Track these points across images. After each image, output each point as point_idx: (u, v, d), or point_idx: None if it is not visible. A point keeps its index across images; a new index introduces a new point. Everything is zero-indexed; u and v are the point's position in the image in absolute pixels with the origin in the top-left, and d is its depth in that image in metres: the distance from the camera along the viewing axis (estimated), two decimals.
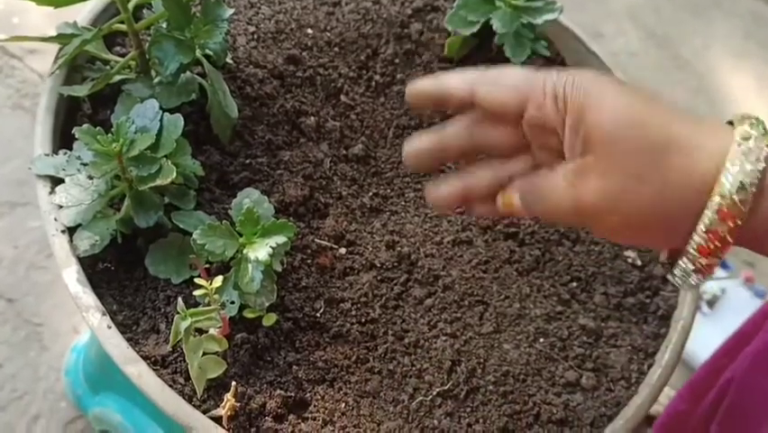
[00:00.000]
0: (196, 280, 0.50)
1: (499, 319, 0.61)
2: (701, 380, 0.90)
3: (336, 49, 0.74)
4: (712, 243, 0.38)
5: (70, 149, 0.57)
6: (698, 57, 1.93)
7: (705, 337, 1.29)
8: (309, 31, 0.74)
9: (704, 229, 0.38)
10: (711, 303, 1.37)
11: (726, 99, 1.86)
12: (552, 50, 0.82)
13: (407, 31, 0.79)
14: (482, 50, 0.79)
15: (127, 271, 0.55)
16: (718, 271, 1.46)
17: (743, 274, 1.48)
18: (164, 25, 0.62)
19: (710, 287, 1.38)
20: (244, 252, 0.53)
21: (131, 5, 0.62)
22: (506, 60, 0.76)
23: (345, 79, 0.73)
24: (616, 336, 0.62)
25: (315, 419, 0.52)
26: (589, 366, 0.60)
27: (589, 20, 1.80)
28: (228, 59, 0.68)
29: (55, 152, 0.57)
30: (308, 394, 0.53)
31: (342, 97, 0.72)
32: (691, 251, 0.39)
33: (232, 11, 0.63)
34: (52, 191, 0.53)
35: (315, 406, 0.53)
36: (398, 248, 0.63)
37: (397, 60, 0.76)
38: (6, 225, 1.16)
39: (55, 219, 0.52)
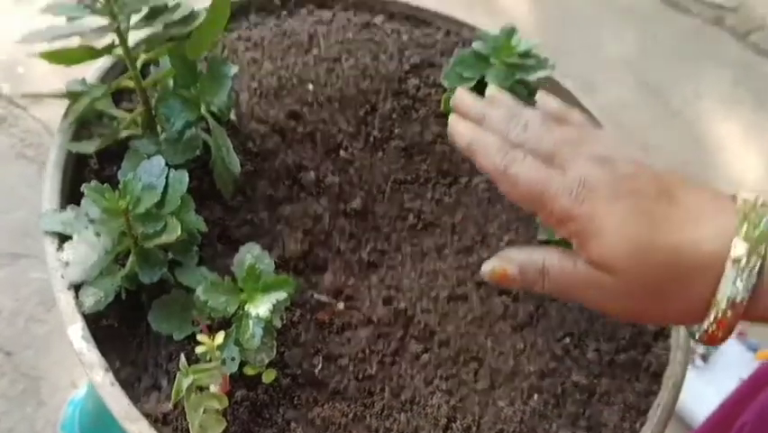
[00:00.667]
0: (198, 337, 0.51)
1: (494, 376, 0.62)
2: (715, 426, 0.91)
3: (336, 104, 0.76)
4: (718, 331, 0.45)
5: (77, 203, 0.58)
6: (689, 105, 1.97)
7: (699, 391, 1.30)
8: (310, 86, 0.76)
9: (705, 330, 0.45)
10: (705, 357, 1.37)
11: (717, 147, 1.89)
12: None
13: (405, 86, 0.81)
14: None
15: (130, 328, 0.56)
16: None
17: (737, 330, 1.49)
18: (171, 83, 0.64)
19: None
20: (246, 308, 0.54)
21: (138, 63, 0.64)
22: None
23: (344, 135, 0.75)
24: (608, 393, 0.63)
25: None
26: (582, 424, 0.61)
27: (581, 70, 1.83)
28: (231, 116, 0.70)
29: (62, 206, 0.58)
30: None
31: (342, 153, 0.74)
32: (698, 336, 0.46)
33: (236, 68, 0.65)
34: (60, 248, 0.54)
35: None
36: (395, 304, 0.64)
37: (394, 116, 0.78)
38: (7, 276, 1.16)
39: (62, 276, 0.53)
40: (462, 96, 0.55)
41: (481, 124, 0.52)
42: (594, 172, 0.46)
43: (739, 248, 0.43)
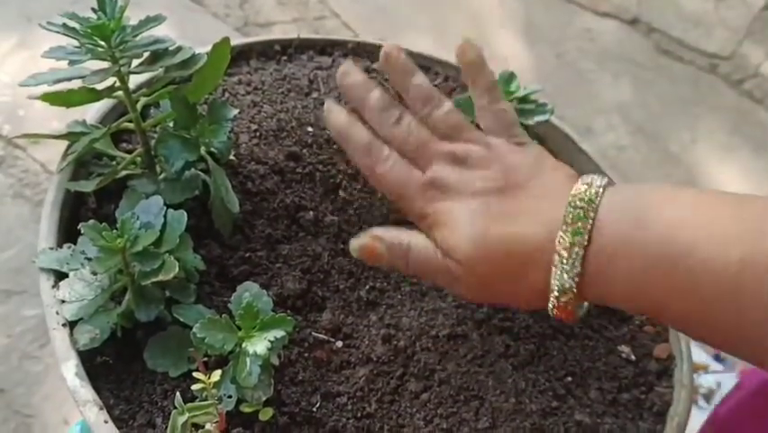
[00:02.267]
0: (195, 375, 0.51)
1: (495, 415, 0.61)
2: None
3: (335, 146, 0.77)
4: (561, 314, 0.50)
5: (74, 242, 0.58)
6: (686, 151, 1.98)
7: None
8: (309, 129, 0.77)
9: (551, 312, 0.50)
10: (708, 397, 1.36)
11: None
12: (544, 148, 0.85)
13: None
14: None
15: (125, 365, 0.55)
16: (714, 365, 1.46)
17: (738, 368, 1.48)
18: (171, 124, 0.64)
19: (706, 381, 1.37)
20: (243, 346, 0.53)
21: (139, 106, 0.65)
22: None
23: (344, 175, 0.75)
24: (612, 432, 0.62)
25: None
26: None
27: (579, 115, 1.86)
28: (231, 156, 0.70)
29: (59, 245, 0.58)
30: None
31: (341, 193, 0.74)
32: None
33: (236, 111, 0.66)
34: (56, 285, 0.54)
35: None
36: (395, 342, 0.63)
37: None
38: (1, 314, 1.16)
39: (57, 313, 0.53)
40: (348, 72, 0.60)
41: (359, 109, 0.58)
42: (446, 172, 0.53)
43: (563, 240, 0.46)
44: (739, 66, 2.26)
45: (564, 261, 0.47)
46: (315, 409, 0.57)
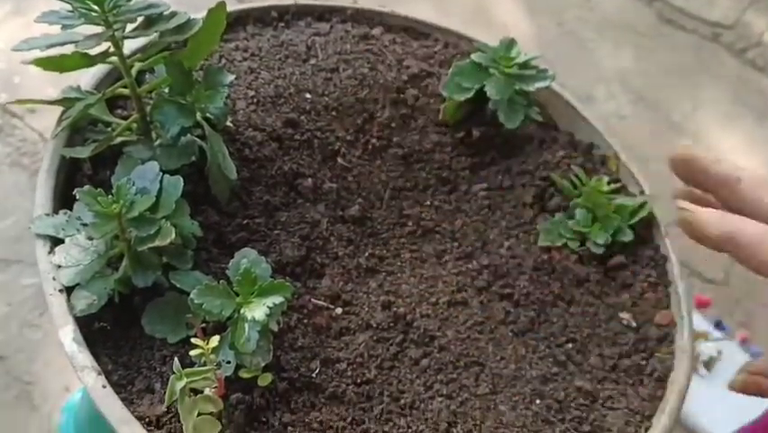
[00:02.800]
0: (193, 340, 0.51)
1: (495, 381, 0.61)
2: None
3: (334, 113, 0.76)
4: None
5: (70, 209, 0.58)
6: (687, 120, 1.97)
7: (702, 399, 1.29)
8: (308, 95, 0.76)
9: None
10: (708, 365, 1.36)
11: None
12: (544, 116, 0.84)
13: (403, 96, 0.80)
14: (477, 115, 0.81)
15: (123, 331, 0.55)
16: (715, 333, 1.46)
17: (738, 335, 1.48)
18: (166, 90, 0.63)
19: (707, 349, 1.38)
20: (241, 311, 0.53)
21: (134, 71, 0.64)
22: (500, 125, 0.78)
23: (342, 142, 0.74)
24: (612, 398, 0.62)
25: None
26: (585, 429, 0.59)
27: (580, 84, 1.84)
28: (228, 123, 0.69)
29: (55, 211, 0.58)
30: None
31: (339, 160, 0.73)
32: None
33: (232, 76, 0.65)
34: (51, 251, 0.54)
35: None
36: (394, 308, 0.63)
37: (393, 124, 0.78)
38: (1, 283, 1.16)
39: (53, 279, 0.53)
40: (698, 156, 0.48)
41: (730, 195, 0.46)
42: None
43: None
44: (742, 35, 2.24)
45: None
46: (314, 375, 0.57)
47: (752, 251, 0.40)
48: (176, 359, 0.50)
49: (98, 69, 0.68)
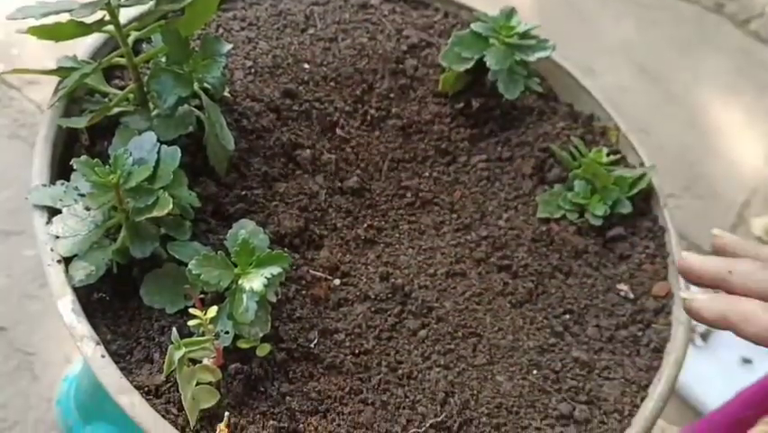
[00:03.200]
0: (191, 311, 0.51)
1: (493, 351, 0.61)
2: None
3: (332, 83, 0.75)
4: None
5: (68, 179, 0.57)
6: (688, 92, 1.96)
7: (698, 370, 1.30)
8: (306, 65, 0.76)
9: None
10: (704, 336, 1.37)
11: (717, 133, 1.88)
12: (544, 87, 0.84)
13: (402, 66, 0.80)
14: (476, 85, 0.80)
15: (122, 301, 0.55)
16: None
17: None
18: (163, 59, 0.63)
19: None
20: (239, 282, 0.53)
21: (130, 40, 0.63)
22: (499, 96, 0.77)
23: (341, 113, 0.74)
24: (609, 368, 0.63)
25: None
26: (582, 399, 0.60)
27: (580, 56, 1.82)
28: (225, 93, 0.69)
29: (52, 182, 0.57)
30: (301, 425, 0.53)
31: (338, 131, 0.73)
32: None
33: (230, 46, 0.64)
34: (49, 222, 0.54)
35: None
36: (392, 280, 0.63)
37: (392, 95, 0.77)
38: (1, 254, 1.16)
39: (51, 249, 0.53)
40: (690, 261, 0.51)
41: (723, 285, 0.49)
42: None
43: None
44: (745, 5, 2.21)
45: None
46: (312, 346, 0.57)
47: (744, 326, 0.45)
48: (174, 329, 0.50)
49: (95, 39, 0.68)
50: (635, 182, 0.75)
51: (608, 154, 0.76)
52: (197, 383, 0.49)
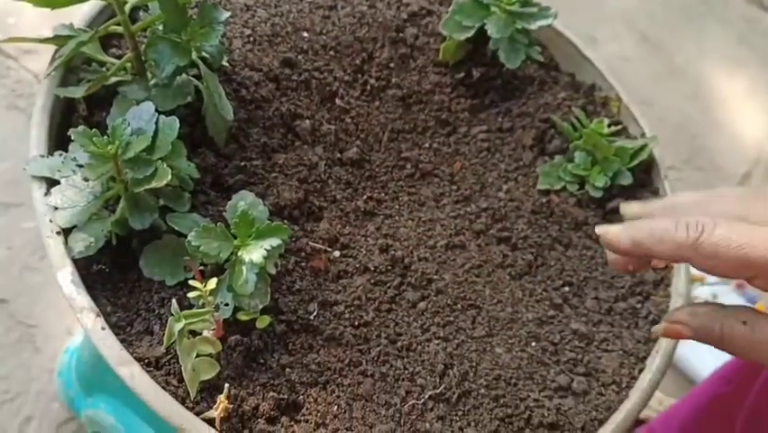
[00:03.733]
0: (191, 282, 0.51)
1: (492, 323, 0.62)
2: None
3: (332, 52, 0.75)
4: None
5: (66, 150, 0.57)
6: (691, 62, 1.94)
7: (696, 343, 1.30)
8: (305, 34, 0.75)
9: None
10: None
11: (720, 105, 1.87)
12: (546, 56, 0.83)
13: (402, 35, 0.79)
14: (477, 54, 0.79)
15: (121, 273, 0.55)
16: (711, 277, 1.47)
17: (734, 281, 1.49)
18: (160, 28, 0.62)
19: (702, 292, 1.38)
20: (239, 254, 0.53)
21: (127, 8, 0.62)
22: (500, 65, 0.77)
23: (341, 83, 0.73)
24: (607, 340, 0.63)
25: (307, 421, 0.52)
26: (580, 371, 0.60)
27: (582, 24, 1.80)
28: (224, 62, 0.68)
29: (50, 153, 0.57)
30: (301, 397, 0.53)
31: (338, 101, 0.72)
32: None
33: (228, 14, 0.63)
34: (47, 193, 0.53)
35: (307, 408, 0.53)
36: (392, 252, 0.63)
37: (392, 65, 0.77)
38: (0, 226, 1.16)
39: (50, 221, 0.52)
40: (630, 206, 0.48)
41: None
42: None
43: None
44: None
45: None
46: (312, 318, 0.57)
47: (658, 247, 0.41)
48: (174, 301, 0.50)
49: (91, 7, 0.67)
50: (636, 153, 0.74)
51: (609, 125, 0.75)
52: (197, 355, 0.49)
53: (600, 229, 0.45)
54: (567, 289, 0.66)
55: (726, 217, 0.41)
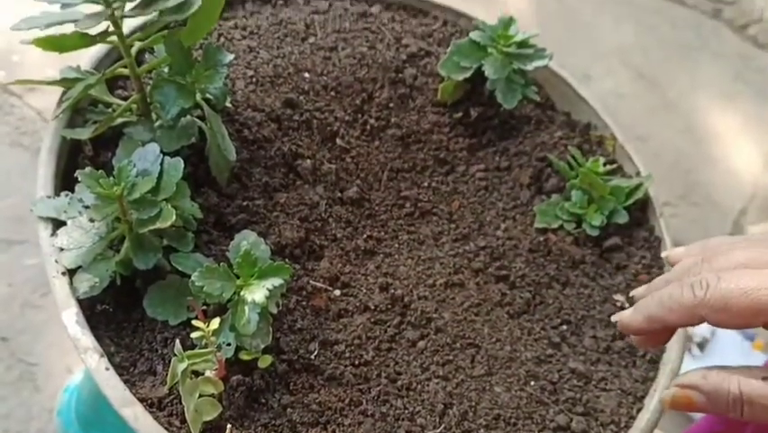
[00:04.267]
0: (194, 323, 0.51)
1: (491, 362, 0.62)
2: None
3: (333, 93, 0.76)
4: None
5: (71, 190, 0.58)
6: (686, 98, 1.97)
7: None
8: (306, 75, 0.76)
9: None
10: (701, 346, 1.37)
11: (714, 140, 1.89)
12: (542, 95, 0.84)
13: (402, 75, 0.81)
14: (474, 94, 0.81)
15: (125, 313, 0.55)
16: None
17: None
18: (166, 70, 0.63)
19: (700, 330, 1.38)
20: (241, 294, 0.54)
21: (134, 51, 0.63)
22: (497, 105, 0.78)
23: (341, 123, 0.74)
24: (605, 379, 0.63)
25: None
26: (579, 410, 0.61)
27: (578, 62, 1.83)
28: (227, 103, 0.69)
29: (56, 193, 0.58)
30: None
31: (338, 141, 0.73)
32: None
33: (232, 56, 0.65)
34: (54, 233, 0.54)
35: None
36: (392, 290, 0.64)
37: (391, 105, 0.78)
38: (2, 263, 1.16)
39: (56, 261, 0.53)
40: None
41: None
42: None
43: None
44: (744, 11, 2.22)
45: None
46: (313, 357, 0.57)
47: (670, 316, 0.41)
48: (177, 341, 0.50)
49: (98, 49, 0.68)
50: (632, 192, 0.76)
51: (604, 164, 0.76)
52: (200, 395, 0.50)
53: (615, 317, 0.46)
54: (565, 327, 0.67)
55: (728, 269, 0.41)
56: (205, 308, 0.55)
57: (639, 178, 0.77)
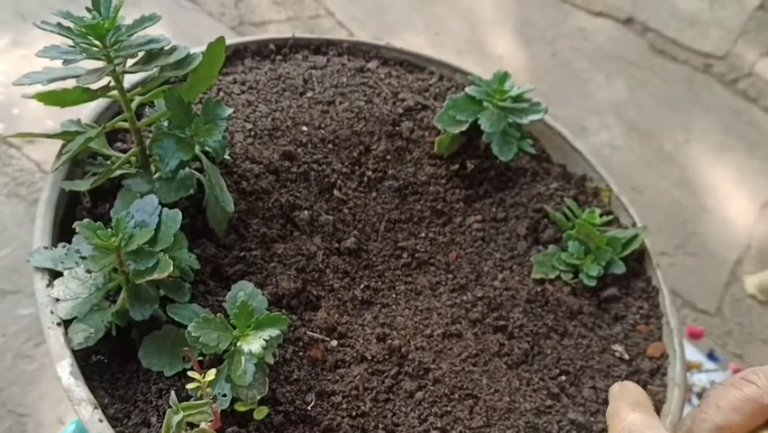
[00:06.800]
0: (190, 374, 0.51)
1: (489, 413, 0.61)
2: None
3: (330, 145, 0.77)
4: None
5: (69, 241, 0.58)
6: (680, 150, 1.99)
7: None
8: (304, 128, 0.77)
9: None
10: (701, 396, 1.36)
11: (708, 191, 1.91)
12: (537, 148, 0.85)
13: (399, 128, 0.82)
14: (471, 147, 0.82)
15: (120, 364, 0.55)
16: (707, 364, 1.46)
17: (731, 366, 1.48)
18: (165, 123, 0.64)
19: (700, 379, 1.37)
20: (238, 344, 0.53)
21: (134, 105, 0.64)
22: (493, 157, 0.79)
23: (339, 175, 0.75)
24: (605, 431, 0.62)
25: None
26: None
27: (572, 114, 1.86)
28: (226, 155, 0.70)
29: (54, 244, 0.58)
30: None
31: (336, 192, 0.74)
32: None
33: (231, 110, 0.66)
34: (50, 284, 0.54)
35: None
36: (389, 341, 0.63)
37: (388, 157, 0.79)
38: None
39: (51, 312, 0.53)
40: None
41: None
42: None
43: None
44: (733, 65, 2.27)
45: None
46: (309, 408, 0.57)
47: None
48: (172, 392, 0.50)
49: (98, 103, 0.69)
50: (628, 243, 0.76)
51: (600, 215, 0.77)
52: None
53: None
54: (564, 378, 0.66)
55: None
56: (201, 358, 0.55)
57: (635, 228, 0.78)
